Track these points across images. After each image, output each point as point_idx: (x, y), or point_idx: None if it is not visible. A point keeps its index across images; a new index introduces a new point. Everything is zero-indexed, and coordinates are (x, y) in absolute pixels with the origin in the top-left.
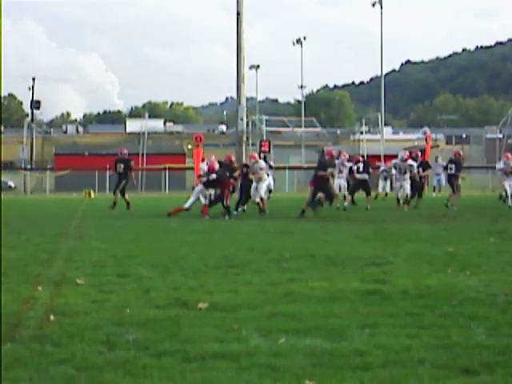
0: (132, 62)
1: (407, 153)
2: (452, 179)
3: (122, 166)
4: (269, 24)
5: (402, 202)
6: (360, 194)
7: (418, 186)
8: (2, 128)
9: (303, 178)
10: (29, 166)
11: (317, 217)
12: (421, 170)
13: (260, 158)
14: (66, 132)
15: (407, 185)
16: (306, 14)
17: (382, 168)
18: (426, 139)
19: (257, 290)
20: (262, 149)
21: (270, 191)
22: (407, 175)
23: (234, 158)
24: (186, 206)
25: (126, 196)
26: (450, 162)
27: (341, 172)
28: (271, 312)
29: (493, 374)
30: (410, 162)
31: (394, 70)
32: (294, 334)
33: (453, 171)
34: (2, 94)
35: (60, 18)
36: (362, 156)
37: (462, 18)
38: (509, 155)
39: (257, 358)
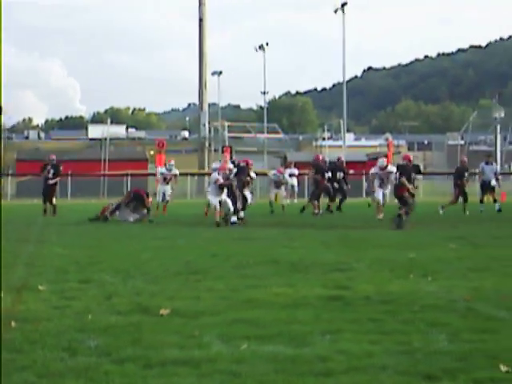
0: (94, 68)
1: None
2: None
3: (52, 171)
4: (231, 30)
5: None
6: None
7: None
8: None
9: (265, 185)
10: None
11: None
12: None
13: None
14: (27, 138)
15: (387, 192)
16: (268, 21)
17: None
18: (388, 145)
19: (219, 296)
20: (225, 154)
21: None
22: (388, 183)
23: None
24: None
25: (54, 201)
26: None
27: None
28: (233, 318)
29: (454, 380)
30: (390, 168)
31: (356, 77)
32: (257, 341)
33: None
34: None
35: (21, 23)
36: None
37: (423, 25)
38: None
39: (218, 365)
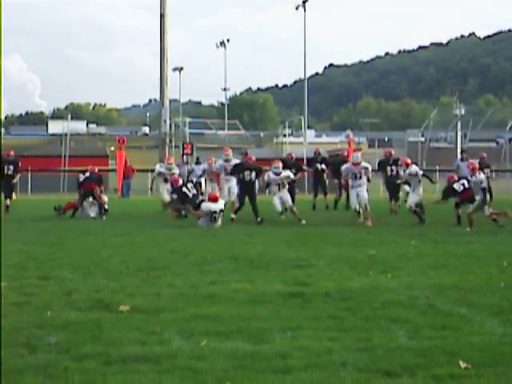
0: (54, 64)
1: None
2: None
3: (12, 167)
4: (192, 26)
5: (362, 212)
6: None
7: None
8: None
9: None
10: None
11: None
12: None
13: (183, 161)
14: None
15: (364, 192)
16: (230, 17)
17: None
18: (349, 142)
19: (178, 292)
20: (185, 151)
21: None
22: (363, 180)
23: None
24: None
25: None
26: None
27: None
28: (193, 314)
29: (414, 376)
30: (364, 164)
31: (317, 74)
32: (216, 337)
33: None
34: None
35: None
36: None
37: (385, 23)
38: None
39: (178, 361)
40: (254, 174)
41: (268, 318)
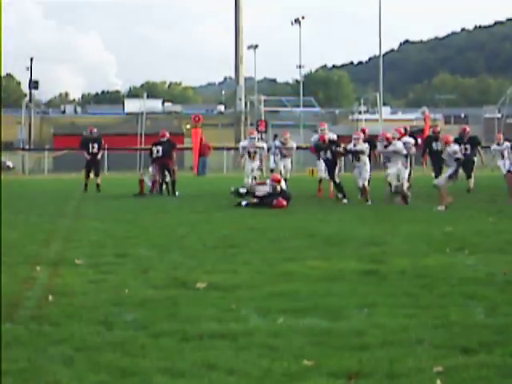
0: (130, 42)
1: (400, 129)
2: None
3: (96, 145)
4: (267, 3)
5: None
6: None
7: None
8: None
9: (302, 158)
10: (27, 147)
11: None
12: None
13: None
14: (64, 112)
15: (366, 173)
16: None
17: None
18: (425, 119)
19: (255, 269)
20: (259, 128)
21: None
22: (364, 158)
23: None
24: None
25: (99, 177)
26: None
27: None
28: (270, 292)
29: (491, 354)
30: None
31: (392, 50)
32: (293, 314)
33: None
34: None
35: None
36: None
37: None
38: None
39: (255, 338)
40: (328, 153)
41: (344, 295)
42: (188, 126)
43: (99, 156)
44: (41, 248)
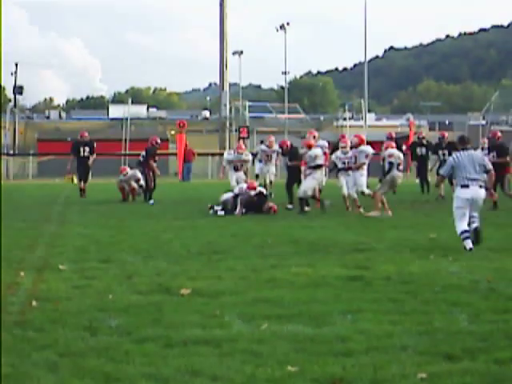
0: (115, 48)
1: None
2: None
3: (88, 148)
4: (252, 10)
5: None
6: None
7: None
8: None
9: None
10: (11, 152)
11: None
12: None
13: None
14: (48, 117)
15: (362, 179)
16: (289, 0)
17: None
18: (410, 125)
19: (239, 276)
20: (241, 135)
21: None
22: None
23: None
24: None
25: (87, 182)
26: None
27: None
28: (254, 298)
29: (475, 360)
30: (364, 148)
31: (377, 57)
32: (277, 320)
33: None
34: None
35: (42, 2)
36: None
37: (445, 5)
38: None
39: (239, 344)
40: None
41: (328, 302)
42: (172, 132)
43: (90, 161)
44: (25, 253)
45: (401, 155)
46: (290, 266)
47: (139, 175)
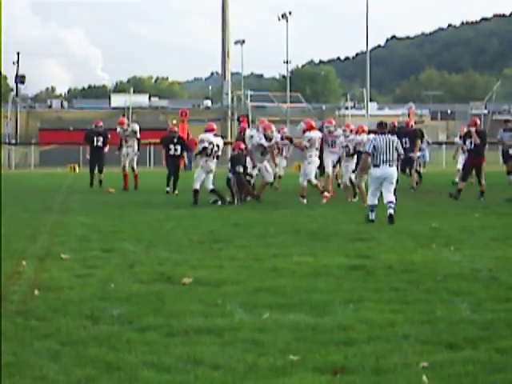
0: (117, 37)
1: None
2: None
3: (101, 138)
4: None
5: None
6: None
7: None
8: None
9: (290, 154)
10: (13, 141)
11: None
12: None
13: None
14: (50, 107)
15: (310, 167)
16: None
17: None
18: (409, 114)
19: (241, 265)
20: (241, 124)
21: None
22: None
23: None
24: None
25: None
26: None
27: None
28: (255, 287)
29: (476, 349)
30: (308, 133)
31: (379, 46)
32: (278, 309)
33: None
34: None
35: None
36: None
37: None
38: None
39: (241, 333)
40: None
41: (330, 291)
42: (174, 121)
43: (105, 150)
44: (27, 243)
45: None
46: (291, 255)
47: (137, 127)
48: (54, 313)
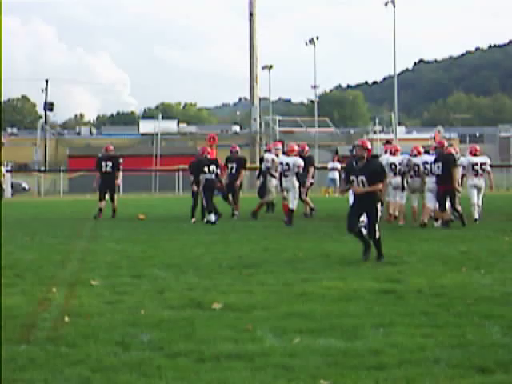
0: (145, 64)
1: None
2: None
3: (110, 163)
4: (281, 24)
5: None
6: None
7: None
8: (16, 130)
9: (317, 178)
10: (42, 168)
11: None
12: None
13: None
14: (79, 134)
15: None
16: (318, 14)
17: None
18: (434, 138)
19: (271, 290)
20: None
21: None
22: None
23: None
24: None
25: (116, 201)
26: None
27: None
28: (286, 312)
29: (508, 373)
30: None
31: (407, 70)
32: (309, 334)
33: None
34: (16, 96)
35: (70, 18)
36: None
37: (474, 17)
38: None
39: (271, 359)
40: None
41: (360, 315)
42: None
43: (118, 177)
44: (57, 269)
45: None
46: (321, 280)
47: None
48: (85, 339)
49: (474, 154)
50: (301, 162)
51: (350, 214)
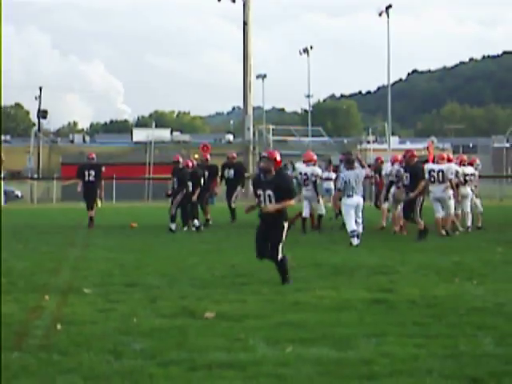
0: (138, 72)
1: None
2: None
3: (93, 172)
4: (275, 33)
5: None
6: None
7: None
8: (9, 137)
9: None
10: (35, 176)
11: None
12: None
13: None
14: (72, 141)
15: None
16: (312, 24)
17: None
18: (428, 148)
19: (264, 299)
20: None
21: None
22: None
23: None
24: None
25: (94, 211)
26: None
27: None
28: (278, 321)
29: None
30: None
31: (400, 80)
32: (301, 343)
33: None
34: (9, 104)
35: (63, 26)
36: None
37: (468, 28)
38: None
39: (264, 368)
40: None
41: (353, 325)
42: (196, 156)
43: (101, 188)
44: (49, 277)
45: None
46: (314, 290)
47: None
48: (77, 347)
49: (463, 164)
50: (319, 171)
51: (258, 239)
